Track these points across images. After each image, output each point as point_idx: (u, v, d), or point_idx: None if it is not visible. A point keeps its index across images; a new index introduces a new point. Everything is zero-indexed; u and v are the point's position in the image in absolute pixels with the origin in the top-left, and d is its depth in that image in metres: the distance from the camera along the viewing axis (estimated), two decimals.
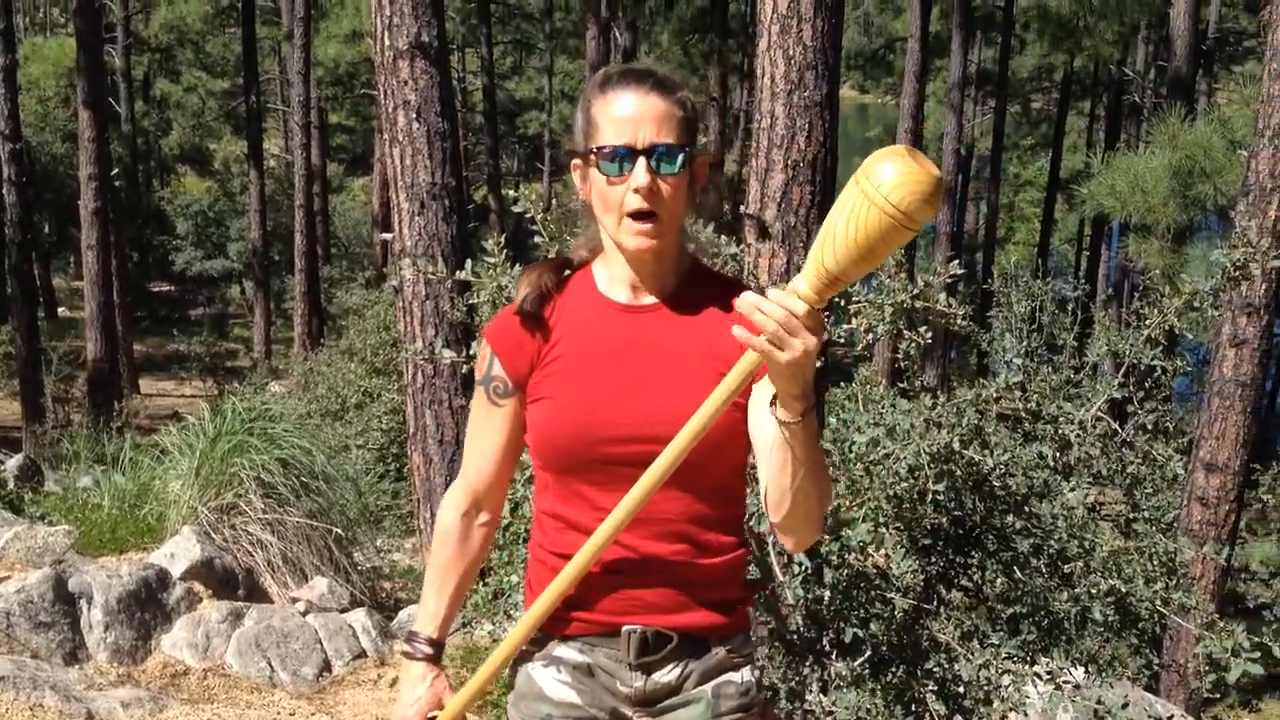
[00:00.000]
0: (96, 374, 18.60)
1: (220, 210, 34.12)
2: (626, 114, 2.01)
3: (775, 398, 1.85)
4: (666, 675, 2.14)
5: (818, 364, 1.79)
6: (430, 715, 2.24)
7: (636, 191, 2.00)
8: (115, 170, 22.41)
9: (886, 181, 1.65)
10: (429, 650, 2.26)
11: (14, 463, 8.45)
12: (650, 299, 2.13)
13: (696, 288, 2.14)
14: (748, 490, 2.31)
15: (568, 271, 2.20)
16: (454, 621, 2.33)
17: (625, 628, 2.12)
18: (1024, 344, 5.80)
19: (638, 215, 2.02)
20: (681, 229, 2.11)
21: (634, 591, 2.11)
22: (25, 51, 28.45)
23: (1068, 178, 29.58)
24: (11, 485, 7.52)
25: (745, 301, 1.75)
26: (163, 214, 34.84)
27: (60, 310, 31.23)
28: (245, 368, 24.92)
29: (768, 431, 1.94)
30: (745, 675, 2.18)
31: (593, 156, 2.03)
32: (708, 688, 2.15)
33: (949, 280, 4.06)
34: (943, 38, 27.21)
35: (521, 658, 2.22)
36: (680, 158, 2.01)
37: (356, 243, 33.36)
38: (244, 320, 32.21)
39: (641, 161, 1.99)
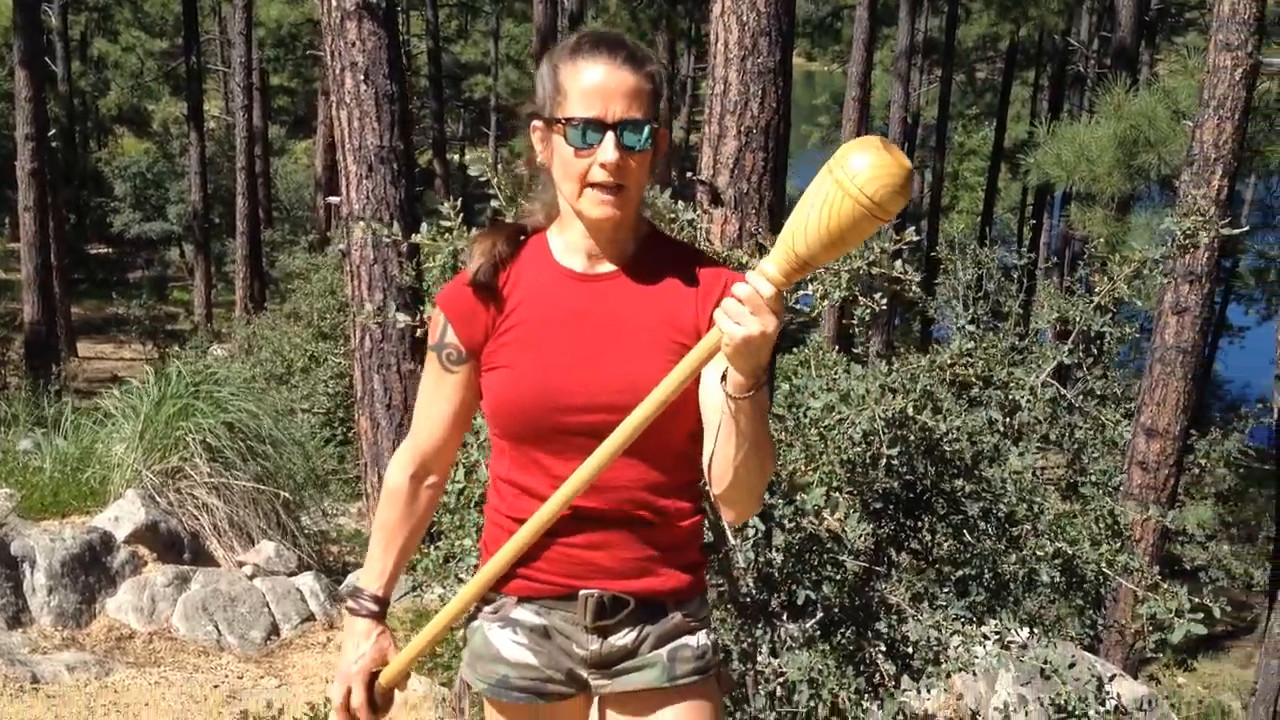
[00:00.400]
0: (33, 336, 18.32)
1: (159, 172, 33.55)
2: (597, 85, 1.98)
3: (726, 373, 1.86)
4: (622, 639, 2.15)
5: None
6: (373, 671, 2.23)
7: (603, 166, 1.98)
8: (52, 131, 22.01)
9: (861, 172, 1.68)
10: (374, 607, 2.25)
11: None
12: (607, 267, 2.11)
13: (654, 255, 2.13)
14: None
15: (522, 238, 2.18)
16: (399, 581, 2.33)
17: (582, 592, 2.12)
18: (970, 311, 5.85)
19: (603, 186, 2.00)
20: (641, 198, 2.10)
21: (590, 556, 2.11)
22: None
23: (1012, 147, 29.79)
24: None
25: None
26: (100, 175, 34.23)
27: None
28: (186, 331, 24.60)
29: (716, 404, 1.95)
30: (701, 639, 2.19)
31: (559, 125, 2.00)
32: (663, 651, 2.16)
33: (900, 247, 4.08)
34: (890, 5, 27.27)
35: (472, 617, 2.23)
36: (648, 133, 1.99)
37: (299, 206, 33.02)
38: (184, 283, 31.82)
39: (610, 137, 1.97)
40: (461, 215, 3.97)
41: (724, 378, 1.87)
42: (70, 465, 6.49)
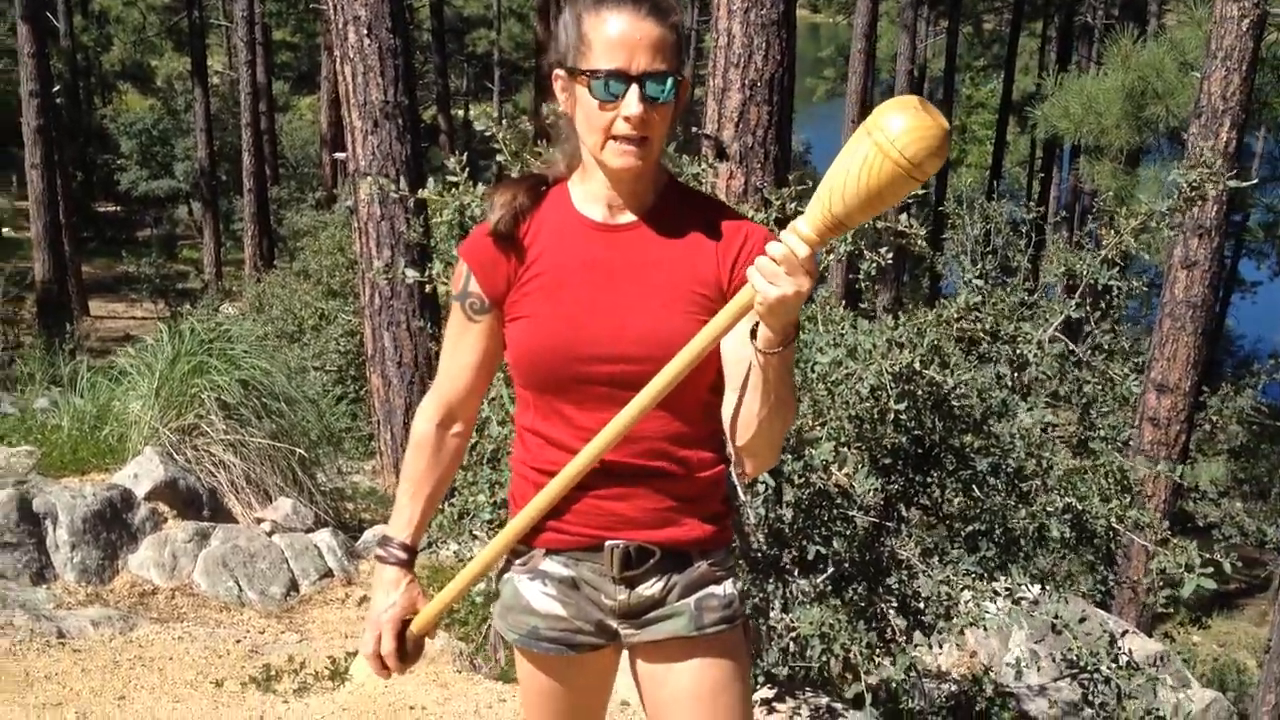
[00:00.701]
0: (45, 295, 18.39)
1: (165, 129, 33.45)
2: (621, 36, 1.98)
3: (755, 329, 1.89)
4: (650, 589, 2.18)
5: None
6: (404, 620, 2.26)
7: (627, 119, 1.99)
8: (56, 88, 21.96)
9: (900, 134, 1.70)
10: (403, 555, 2.27)
11: None
12: (627, 217, 2.13)
13: (674, 206, 2.15)
14: None
15: (543, 188, 2.19)
16: (426, 530, 2.36)
17: (608, 542, 2.15)
18: (978, 266, 5.85)
19: (626, 139, 2.01)
20: (663, 149, 2.12)
21: (616, 506, 2.15)
22: None
23: (1020, 99, 29.59)
24: None
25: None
26: (106, 133, 34.16)
27: (4, 230, 30.71)
28: (196, 289, 24.66)
29: (742, 357, 1.98)
30: (727, 588, 2.22)
31: (583, 77, 2.01)
32: (690, 600, 2.19)
33: (907, 200, 4.11)
34: None
35: (503, 570, 2.27)
36: (671, 85, 2.00)
37: (305, 163, 32.91)
38: (193, 241, 31.83)
39: (634, 89, 1.98)
40: (467, 170, 4.00)
41: (753, 334, 1.90)
42: (88, 423, 6.54)
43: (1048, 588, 4.50)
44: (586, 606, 2.21)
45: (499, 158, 4.17)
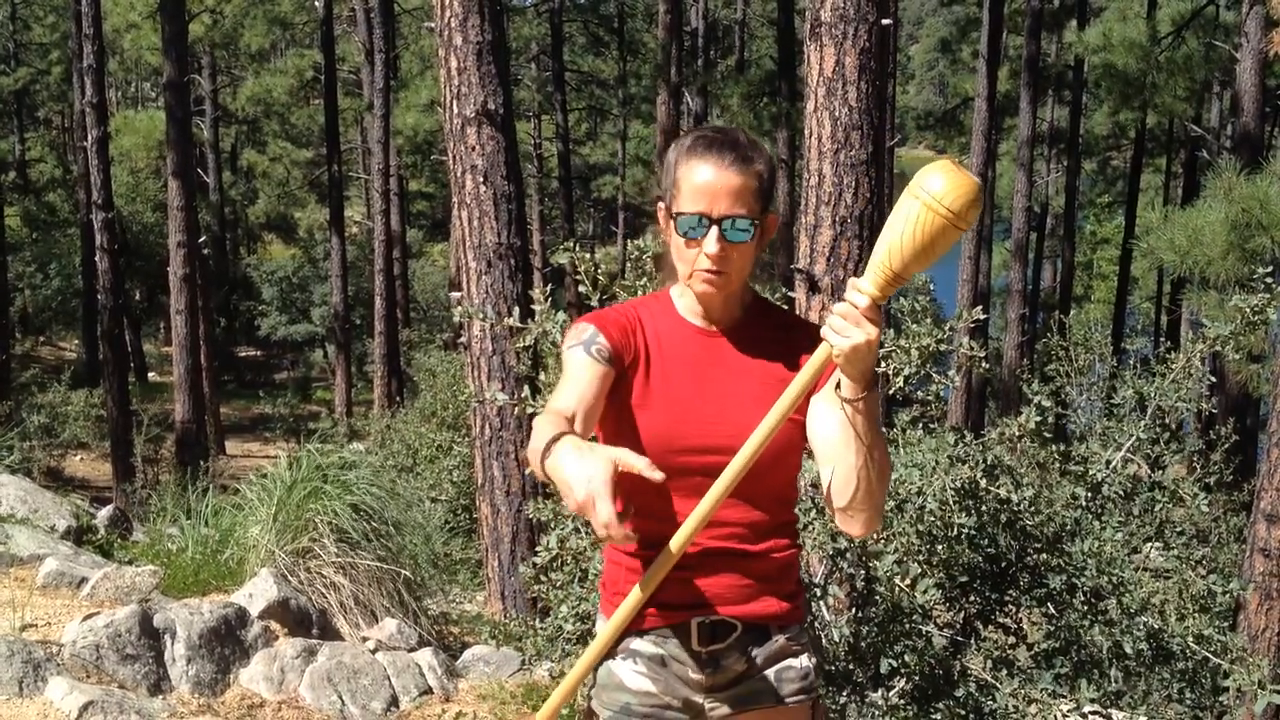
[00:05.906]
0: (184, 435, 19.09)
1: (304, 276, 34.93)
2: (705, 184, 2.26)
3: (839, 384, 2.14)
4: (735, 664, 2.40)
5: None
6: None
7: (708, 256, 2.26)
8: (203, 239, 23.10)
9: (940, 189, 2.00)
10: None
11: (105, 513, 8.84)
12: (722, 325, 2.41)
13: (759, 319, 2.43)
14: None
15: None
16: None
17: (693, 619, 2.36)
18: (1085, 396, 5.93)
19: (708, 270, 2.29)
20: (746, 274, 2.38)
21: (699, 585, 2.36)
22: (117, 124, 29.39)
23: (1143, 235, 29.34)
24: (102, 533, 7.89)
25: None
26: (249, 280, 35.79)
27: (150, 375, 32.10)
28: (327, 429, 25.40)
29: (829, 424, 2.23)
30: (804, 661, 2.43)
31: (674, 217, 2.30)
32: (770, 672, 2.41)
33: (973, 325, 4.28)
34: (1014, 96, 27.37)
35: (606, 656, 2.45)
36: (748, 228, 2.27)
37: (435, 306, 33.99)
38: (327, 383, 32.87)
39: (714, 231, 2.26)
40: (550, 300, 4.33)
41: (838, 386, 2.14)
42: (210, 547, 6.89)
43: (1123, 707, 4.51)
44: (674, 683, 2.40)
45: (580, 288, 4.48)
